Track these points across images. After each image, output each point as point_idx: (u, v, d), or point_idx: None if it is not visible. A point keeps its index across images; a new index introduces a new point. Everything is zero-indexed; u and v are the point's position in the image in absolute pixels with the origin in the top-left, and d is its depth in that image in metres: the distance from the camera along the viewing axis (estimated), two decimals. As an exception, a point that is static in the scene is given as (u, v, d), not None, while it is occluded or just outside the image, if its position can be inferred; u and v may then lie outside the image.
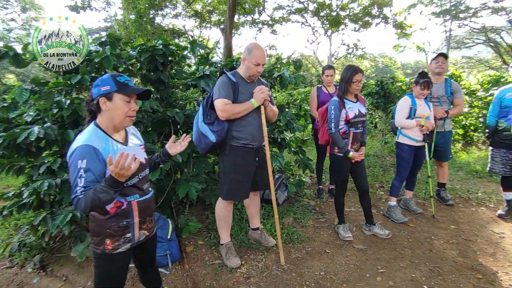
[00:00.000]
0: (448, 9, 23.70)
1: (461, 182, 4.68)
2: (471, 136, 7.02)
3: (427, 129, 3.23)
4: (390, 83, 6.05)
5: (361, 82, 2.80)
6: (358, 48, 26.31)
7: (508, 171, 3.33)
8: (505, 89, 3.33)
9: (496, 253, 2.79)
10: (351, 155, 2.83)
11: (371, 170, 5.24)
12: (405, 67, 41.45)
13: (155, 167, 1.88)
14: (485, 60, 27.13)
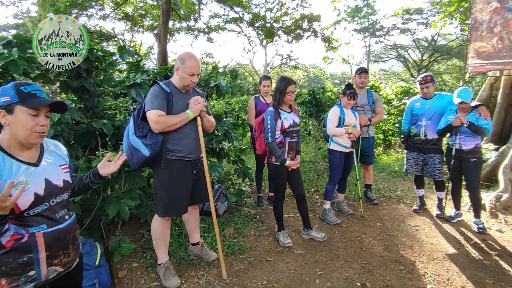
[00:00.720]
0: (367, 27, 26.67)
1: (383, 183, 5.21)
2: (389, 140, 7.92)
3: (354, 136, 3.52)
4: (321, 93, 6.49)
5: (294, 93, 2.93)
6: (292, 58, 27.83)
7: (420, 171, 3.81)
8: (414, 99, 3.83)
9: (413, 245, 3.15)
10: (287, 164, 2.92)
11: (307, 175, 5.51)
12: (333, 77, 45.12)
13: (84, 190, 1.63)
14: (398, 73, 31.09)
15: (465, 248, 3.07)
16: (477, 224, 3.42)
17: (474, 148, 3.31)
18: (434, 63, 25.57)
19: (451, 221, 3.64)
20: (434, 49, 24.27)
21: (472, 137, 3.29)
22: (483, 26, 5.10)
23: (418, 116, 3.69)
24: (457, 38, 22.87)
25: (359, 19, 27.07)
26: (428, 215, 3.87)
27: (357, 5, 26.72)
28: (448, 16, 12.33)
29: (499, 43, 4.89)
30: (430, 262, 2.83)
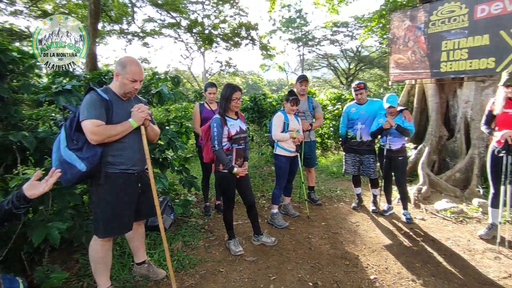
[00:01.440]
0: (300, 37, 28.32)
1: (324, 183, 5.53)
2: (326, 143, 8.47)
3: (298, 141, 3.66)
4: (263, 99, 6.63)
5: (240, 100, 2.93)
6: (231, 65, 28.06)
7: (357, 171, 4.14)
8: (350, 105, 4.16)
9: (356, 240, 3.38)
10: (235, 171, 2.90)
11: (252, 181, 5.55)
12: (270, 84, 46.73)
13: (6, 218, 1.35)
14: (329, 80, 33.58)
15: (397, 238, 3.40)
16: (405, 215, 3.83)
17: (401, 147, 3.72)
18: (359, 71, 28.24)
19: (385, 214, 4.01)
20: (359, 59, 26.88)
21: (399, 138, 3.69)
22: (400, 41, 5.80)
23: (354, 120, 4.02)
24: (377, 50, 25.71)
25: (293, 29, 28.63)
26: (365, 211, 4.20)
27: (290, 16, 28.25)
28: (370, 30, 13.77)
29: (413, 56, 5.62)
30: (371, 254, 3.06)
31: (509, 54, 4.44)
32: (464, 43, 4.90)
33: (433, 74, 5.37)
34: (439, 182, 4.77)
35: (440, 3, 5.14)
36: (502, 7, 4.43)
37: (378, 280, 2.64)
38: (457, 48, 4.98)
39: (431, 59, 5.34)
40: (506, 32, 4.44)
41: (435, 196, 4.58)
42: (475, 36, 4.75)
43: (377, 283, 2.59)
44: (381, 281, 2.62)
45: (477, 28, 4.73)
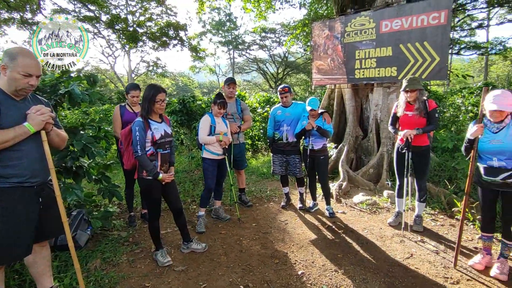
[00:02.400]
0: (230, 40, 28.59)
1: (255, 185, 5.62)
2: (257, 144, 8.66)
3: (225, 144, 3.64)
4: (192, 102, 6.46)
5: (164, 102, 2.77)
6: (159, 66, 26.80)
7: (284, 171, 4.30)
8: (276, 107, 4.30)
9: (285, 238, 3.50)
10: (161, 177, 2.73)
11: (182, 186, 5.35)
12: (202, 87, 46.08)
13: None
14: (259, 84, 34.63)
15: (322, 232, 3.63)
16: (328, 210, 4.12)
17: (322, 147, 3.99)
18: (287, 76, 29.80)
19: (311, 211, 4.25)
20: (286, 65, 28.33)
21: (320, 139, 3.95)
22: (320, 48, 6.26)
23: (280, 122, 4.17)
24: (302, 56, 27.46)
25: (223, 33, 28.78)
26: (293, 209, 4.39)
27: (220, 19, 28.34)
28: (295, 37, 14.60)
29: (332, 63, 6.12)
30: (298, 250, 3.20)
31: (407, 64, 5.16)
32: (373, 53, 5.52)
33: (349, 80, 5.93)
34: (356, 178, 5.27)
35: (353, 16, 5.71)
36: (401, 24, 5.13)
37: (305, 274, 2.76)
38: (368, 57, 5.59)
39: (347, 66, 5.89)
40: (404, 46, 5.15)
41: (353, 191, 5.04)
42: (381, 47, 5.40)
43: (304, 277, 2.71)
44: (308, 275, 2.75)
45: (382, 41, 5.38)
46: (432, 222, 3.83)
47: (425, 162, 3.53)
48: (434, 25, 4.81)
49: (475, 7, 19.40)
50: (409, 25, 5.05)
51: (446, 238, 3.42)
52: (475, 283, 2.59)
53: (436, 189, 4.48)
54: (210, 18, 28.14)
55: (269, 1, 13.03)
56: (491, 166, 2.58)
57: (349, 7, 6.13)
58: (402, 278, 2.67)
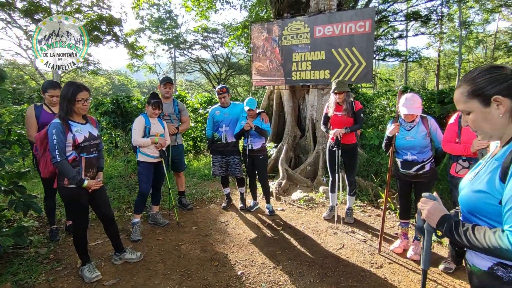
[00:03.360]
0: (171, 39, 27.59)
1: (195, 187, 5.49)
2: (199, 146, 8.49)
3: (161, 146, 3.47)
4: (126, 102, 6.05)
5: (88, 101, 2.52)
6: (90, 63, 24.58)
7: (224, 172, 4.27)
8: (214, 108, 4.25)
9: (225, 239, 3.47)
10: (86, 185, 2.48)
11: (117, 192, 4.97)
12: (141, 86, 43.66)
13: None
14: (202, 84, 34.06)
15: (262, 230, 3.69)
16: (268, 209, 4.21)
17: (261, 147, 4.06)
18: (230, 77, 29.81)
19: (251, 210, 4.29)
20: (229, 65, 28.34)
21: (259, 138, 4.01)
22: (259, 50, 6.38)
23: (219, 123, 4.13)
24: (244, 57, 27.74)
25: (163, 30, 27.62)
26: (234, 210, 4.39)
27: (160, 16, 27.15)
28: (236, 38, 14.68)
29: (270, 65, 6.28)
30: (238, 251, 3.20)
31: (338, 68, 5.54)
32: (308, 56, 5.81)
33: (287, 81, 6.15)
34: (295, 175, 5.49)
35: (289, 21, 5.94)
36: (332, 30, 5.49)
37: (244, 274, 2.77)
38: (304, 60, 5.86)
39: (285, 68, 6.11)
40: (335, 50, 5.52)
41: (292, 188, 5.24)
42: (316, 51, 5.71)
43: (244, 277, 2.72)
44: (247, 274, 2.77)
45: (316, 45, 5.69)
46: (362, 214, 4.16)
47: (354, 158, 3.83)
48: (360, 32, 5.24)
49: (396, 20, 21.76)
50: (339, 32, 5.43)
51: (373, 227, 3.75)
52: (395, 265, 2.88)
53: (365, 183, 4.88)
54: (149, 15, 26.78)
55: (210, 1, 12.90)
56: (406, 160, 2.89)
57: (286, 11, 6.36)
58: (334, 268, 2.84)
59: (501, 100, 1.00)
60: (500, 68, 1.03)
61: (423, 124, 2.83)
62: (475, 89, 1.05)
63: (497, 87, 1.01)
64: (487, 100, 1.02)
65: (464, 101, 1.09)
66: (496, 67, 1.04)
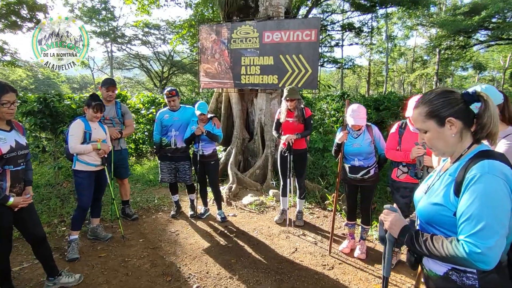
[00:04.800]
0: (107, 32, 25.48)
1: (140, 194, 5.13)
2: (141, 148, 7.96)
3: (104, 152, 3.16)
4: (57, 101, 5.38)
5: (15, 104, 2.16)
6: (6, 52, 21.38)
7: (173, 179, 4.07)
8: (163, 111, 4.02)
9: (176, 251, 3.30)
10: (11, 202, 2.12)
11: (46, 204, 4.37)
12: (71, 81, 39.54)
13: None
14: (142, 82, 32.17)
15: (215, 239, 3.60)
16: (220, 215, 4.12)
17: (212, 152, 3.96)
18: (172, 75, 28.71)
19: (202, 217, 4.16)
20: (172, 64, 27.27)
21: (210, 144, 3.91)
22: (208, 52, 6.24)
23: (168, 127, 3.91)
24: (188, 56, 26.98)
25: (97, 22, 25.39)
26: (184, 217, 4.21)
27: (94, 6, 24.92)
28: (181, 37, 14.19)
29: (219, 67, 6.19)
30: (192, 262, 3.06)
31: (286, 73, 5.70)
32: (257, 61, 5.86)
33: (235, 84, 6.12)
34: (245, 179, 5.49)
35: (238, 24, 5.92)
36: (280, 37, 5.63)
37: (200, 287, 2.66)
38: (252, 65, 5.90)
39: (234, 71, 6.07)
40: (283, 57, 5.67)
41: (242, 192, 5.22)
42: (264, 56, 5.79)
43: (199, 291, 2.61)
44: (203, 287, 2.66)
45: (265, 50, 5.77)
46: (310, 216, 4.34)
47: (304, 163, 3.96)
48: (306, 41, 5.46)
49: (333, 29, 23.38)
50: (287, 39, 5.59)
51: (321, 229, 3.92)
52: (345, 265, 3.06)
53: (312, 185, 5.11)
54: (80, 3, 24.37)
55: (153, -5, 12.27)
56: (353, 166, 3.09)
57: (235, 14, 6.32)
58: (290, 273, 2.89)
59: (454, 122, 1.11)
60: (452, 93, 1.15)
61: (368, 132, 3.05)
62: (432, 111, 1.15)
63: (450, 110, 1.12)
64: (442, 121, 1.13)
65: (422, 120, 1.19)
66: (449, 91, 1.16)
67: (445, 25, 18.46)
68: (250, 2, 6.19)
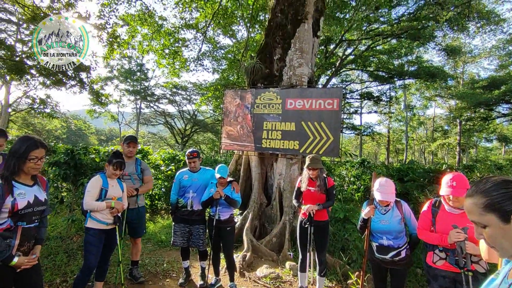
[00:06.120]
0: (139, 90, 27.64)
1: (149, 255, 4.86)
2: (156, 204, 7.86)
3: (117, 211, 3.08)
4: (83, 154, 5.56)
5: (42, 160, 2.19)
6: (48, 104, 23.32)
7: (186, 243, 3.86)
8: (182, 172, 4.00)
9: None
10: (15, 263, 2.00)
11: (52, 260, 4.19)
12: (99, 133, 41.82)
13: None
14: (165, 138, 33.53)
15: (224, 318, 3.21)
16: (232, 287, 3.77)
17: (229, 218, 3.79)
18: (194, 133, 29.85)
19: (212, 289, 3.81)
20: (194, 122, 28.58)
21: (228, 208, 3.76)
22: (231, 115, 6.47)
23: (186, 188, 3.85)
24: (211, 116, 28.32)
25: (132, 82, 27.74)
26: (193, 286, 3.87)
27: (131, 68, 27.48)
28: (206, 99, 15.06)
29: (241, 130, 6.33)
30: None
31: (307, 140, 5.72)
32: (279, 126, 5.97)
33: (256, 148, 6.17)
34: (260, 247, 5.14)
35: (262, 91, 6.21)
36: (303, 104, 5.80)
37: None
38: (274, 129, 6.00)
39: (256, 135, 6.17)
40: (305, 123, 5.76)
41: (257, 262, 4.85)
42: (286, 122, 5.91)
43: None
44: None
45: (287, 116, 5.91)
46: (331, 297, 3.88)
47: (325, 236, 3.68)
48: (329, 109, 5.58)
49: (352, 97, 24.23)
50: (309, 106, 5.73)
51: (344, 315, 3.45)
52: None
53: (332, 260, 4.68)
54: (120, 65, 27.03)
55: (184, 62, 13.39)
56: (381, 245, 2.81)
57: (259, 81, 6.69)
58: None
59: None
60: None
61: (397, 209, 2.84)
62: (491, 203, 1.01)
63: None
64: (506, 216, 0.98)
65: (479, 213, 1.04)
66: (510, 181, 1.02)
67: (464, 97, 18.75)
68: (275, 71, 6.57)
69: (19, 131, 28.39)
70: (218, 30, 16.68)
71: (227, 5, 11.74)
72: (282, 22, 6.62)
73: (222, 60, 18.60)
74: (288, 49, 6.46)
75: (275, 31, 6.71)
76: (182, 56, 13.24)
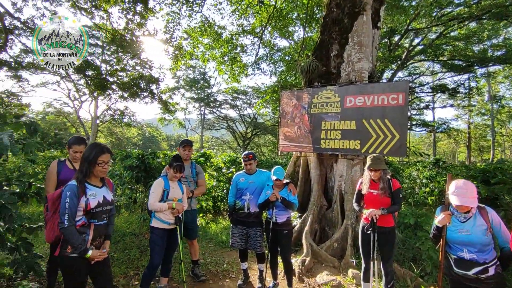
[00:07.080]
0: (202, 97, 29.37)
1: (211, 255, 5.04)
2: (218, 206, 8.16)
3: (177, 212, 3.24)
4: (151, 158, 6.04)
5: (108, 164, 2.40)
6: (126, 115, 26.28)
7: (244, 245, 3.88)
8: (239, 174, 4.05)
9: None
10: (90, 255, 2.23)
11: (126, 254, 4.63)
12: (169, 139, 45.52)
13: None
14: (227, 141, 34.93)
15: (282, 324, 3.13)
16: (290, 293, 3.66)
17: (286, 220, 3.69)
18: (255, 136, 30.46)
19: (270, 293, 3.76)
20: (255, 125, 29.17)
21: (284, 211, 3.67)
22: (288, 116, 6.38)
23: (243, 190, 3.88)
24: (271, 119, 28.56)
25: (196, 90, 29.62)
26: (251, 289, 3.87)
27: (195, 77, 29.37)
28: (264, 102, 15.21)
29: (298, 131, 6.19)
30: None
31: (370, 139, 5.31)
32: (338, 125, 5.68)
33: (314, 149, 5.96)
34: (320, 252, 4.93)
35: (320, 89, 5.98)
36: (363, 101, 5.41)
37: None
38: (333, 129, 5.72)
39: (313, 136, 5.97)
40: (367, 121, 5.36)
41: (317, 267, 4.65)
42: (346, 121, 5.58)
43: None
44: None
45: (347, 115, 5.59)
46: (401, 312, 3.50)
47: (391, 243, 3.34)
48: (393, 105, 5.10)
49: (422, 91, 21.96)
50: (371, 103, 5.33)
51: (416, 334, 3.07)
52: None
53: (401, 271, 4.24)
54: (185, 75, 29.10)
55: (242, 66, 13.74)
56: (461, 258, 2.41)
57: (316, 80, 6.47)
58: None
59: None
60: None
61: (481, 217, 2.40)
62: None
63: None
64: None
65: None
66: None
67: None
68: (332, 68, 6.29)
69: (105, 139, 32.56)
70: (275, 33, 16.77)
71: (281, 6, 11.71)
72: (338, 16, 6.31)
73: (280, 62, 18.65)
74: (345, 44, 6.12)
75: (331, 27, 6.43)
76: (241, 61, 13.64)
